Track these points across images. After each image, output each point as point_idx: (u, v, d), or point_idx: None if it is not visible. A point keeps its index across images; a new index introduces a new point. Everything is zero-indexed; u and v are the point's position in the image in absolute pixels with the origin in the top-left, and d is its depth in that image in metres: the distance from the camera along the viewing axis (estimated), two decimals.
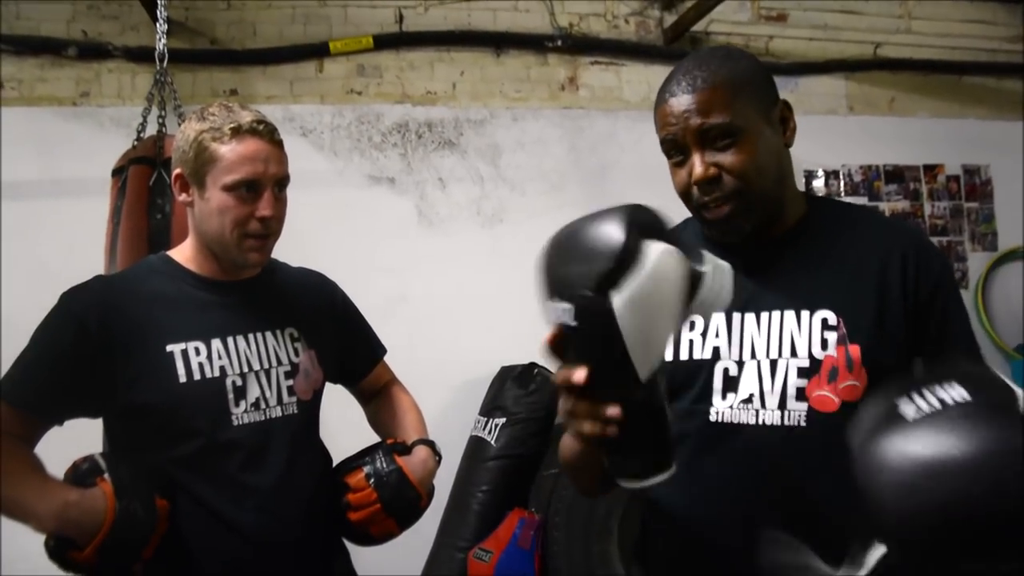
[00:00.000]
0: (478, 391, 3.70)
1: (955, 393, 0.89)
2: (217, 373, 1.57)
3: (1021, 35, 4.73)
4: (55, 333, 1.54)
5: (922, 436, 0.88)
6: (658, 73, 4.23)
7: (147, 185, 2.67)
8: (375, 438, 1.86)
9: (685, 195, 1.39)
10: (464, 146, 3.99)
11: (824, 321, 1.34)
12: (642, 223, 1.02)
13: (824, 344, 1.33)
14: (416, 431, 1.85)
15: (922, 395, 0.91)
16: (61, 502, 1.40)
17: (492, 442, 3.47)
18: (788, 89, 4.38)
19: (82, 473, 1.45)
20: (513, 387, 3.57)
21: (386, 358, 2.00)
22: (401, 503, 1.69)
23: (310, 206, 3.50)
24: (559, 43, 4.12)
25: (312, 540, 1.64)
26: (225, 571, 1.55)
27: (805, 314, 1.35)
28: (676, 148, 1.37)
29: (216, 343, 1.59)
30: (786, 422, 1.32)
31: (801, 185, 4.02)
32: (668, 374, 1.34)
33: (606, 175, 4.12)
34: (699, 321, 1.40)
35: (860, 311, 1.33)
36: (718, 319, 1.39)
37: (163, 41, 2.97)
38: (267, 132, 1.58)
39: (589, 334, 1.02)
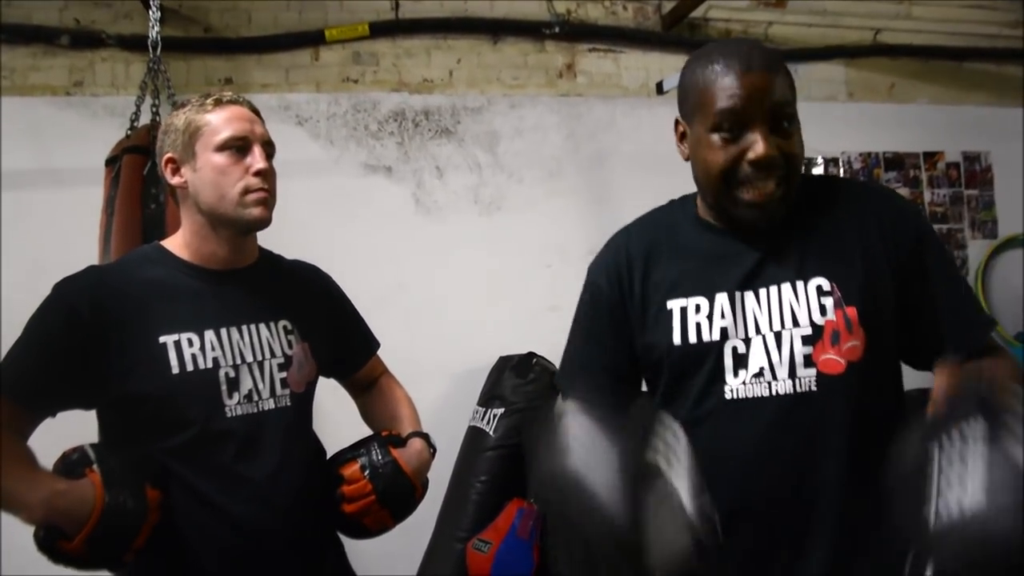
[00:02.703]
0: (476, 381, 3.68)
1: (975, 432, 1.06)
2: (210, 364, 1.56)
3: (1021, 21, 4.71)
4: (48, 323, 1.53)
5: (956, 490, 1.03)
6: (656, 60, 4.22)
7: (141, 175, 2.66)
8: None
9: (724, 173, 1.38)
10: (461, 134, 3.97)
11: (819, 288, 1.39)
12: None
13: (823, 310, 1.38)
14: (410, 423, 1.85)
15: (949, 438, 1.07)
16: (49, 492, 1.39)
17: (491, 432, 3.45)
18: None
19: (71, 463, 1.44)
20: (511, 376, 3.55)
21: (384, 348, 1.99)
22: (396, 495, 1.69)
23: (306, 195, 3.49)
24: (556, 30, 4.08)
25: (305, 531, 1.64)
26: (218, 561, 1.55)
27: (800, 284, 1.40)
28: (735, 122, 1.35)
29: (209, 334, 1.58)
30: (798, 389, 1.37)
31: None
32: (679, 357, 1.45)
33: (604, 162, 4.10)
34: (704, 304, 1.44)
35: (850, 274, 1.39)
36: (721, 300, 1.43)
37: (156, 29, 2.95)
38: (246, 102, 1.66)
39: None
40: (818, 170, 4.32)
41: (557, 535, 1.19)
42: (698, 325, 1.44)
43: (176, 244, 1.66)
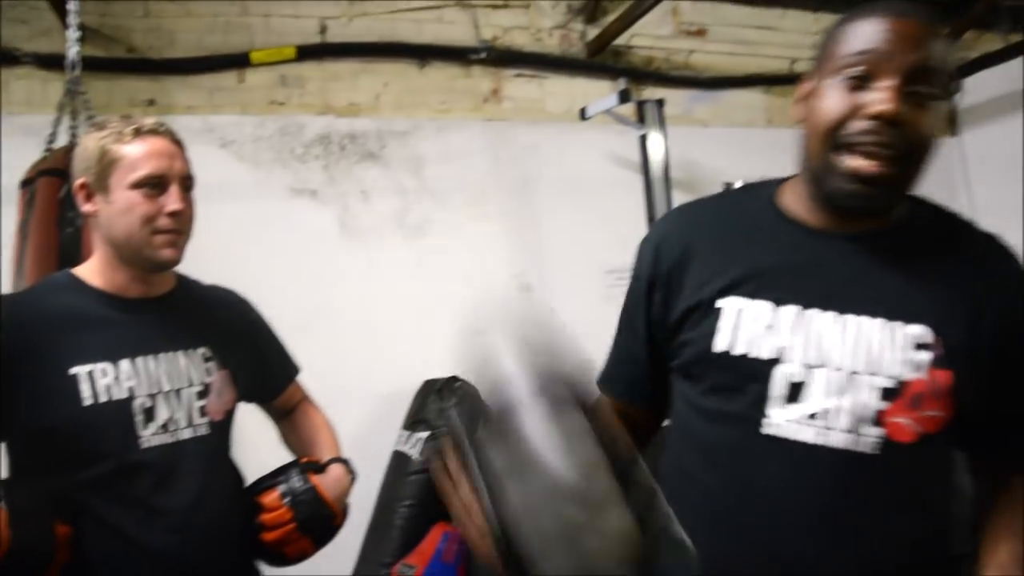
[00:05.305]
0: (401, 405, 3.67)
1: None
2: (125, 395, 1.53)
3: None
4: None
5: None
6: (581, 85, 4.29)
7: (57, 198, 2.60)
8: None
9: (834, 125, 1.15)
10: (387, 158, 3.97)
11: (916, 338, 1.15)
12: None
13: (916, 366, 1.14)
14: (330, 449, 1.84)
15: None
16: None
17: (415, 456, 3.45)
18: (708, 102, 4.47)
19: None
20: (436, 400, 3.55)
21: (308, 372, 1.98)
22: (316, 522, 1.68)
23: (231, 218, 3.46)
24: (483, 55, 4.13)
25: (225, 562, 1.62)
26: None
27: (897, 325, 1.16)
28: (866, 64, 1.13)
29: (124, 364, 1.55)
30: (854, 448, 1.14)
31: None
32: (716, 367, 1.23)
33: (529, 186, 4.15)
34: (765, 312, 1.21)
35: (956, 333, 1.15)
36: (788, 313, 1.20)
37: (75, 48, 2.89)
38: (168, 133, 1.60)
39: None
40: None
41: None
42: (751, 336, 1.20)
43: (89, 272, 1.63)
